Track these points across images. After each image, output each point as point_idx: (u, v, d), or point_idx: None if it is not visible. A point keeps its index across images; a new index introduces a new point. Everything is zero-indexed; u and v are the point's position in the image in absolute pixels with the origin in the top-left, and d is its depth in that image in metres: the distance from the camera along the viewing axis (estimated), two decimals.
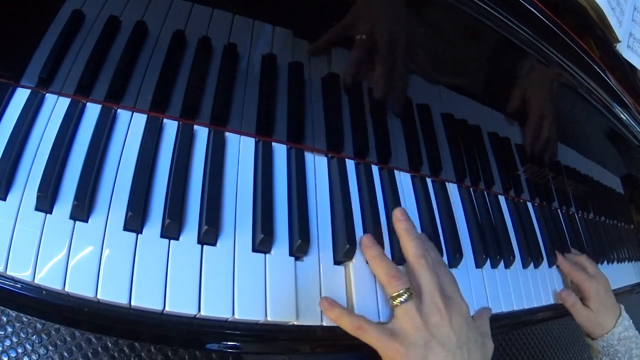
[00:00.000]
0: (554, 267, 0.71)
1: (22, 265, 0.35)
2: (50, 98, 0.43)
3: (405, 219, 0.51)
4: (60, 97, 0.43)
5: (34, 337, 0.81)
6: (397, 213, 0.51)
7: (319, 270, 0.46)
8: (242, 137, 0.49)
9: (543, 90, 0.64)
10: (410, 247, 0.49)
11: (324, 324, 0.44)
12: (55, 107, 0.43)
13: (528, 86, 0.62)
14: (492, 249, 0.61)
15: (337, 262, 0.48)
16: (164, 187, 0.43)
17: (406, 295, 0.45)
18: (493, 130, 0.67)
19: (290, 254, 0.45)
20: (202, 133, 0.48)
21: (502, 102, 0.64)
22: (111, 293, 0.36)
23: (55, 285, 0.35)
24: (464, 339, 0.45)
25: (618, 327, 0.67)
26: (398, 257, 0.50)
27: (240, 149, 0.49)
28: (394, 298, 0.45)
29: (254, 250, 0.44)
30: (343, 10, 0.49)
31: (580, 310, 0.69)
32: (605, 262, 0.90)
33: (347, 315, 0.44)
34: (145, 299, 0.37)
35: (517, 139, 0.70)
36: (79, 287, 0.36)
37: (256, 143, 0.50)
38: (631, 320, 0.70)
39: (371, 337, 0.43)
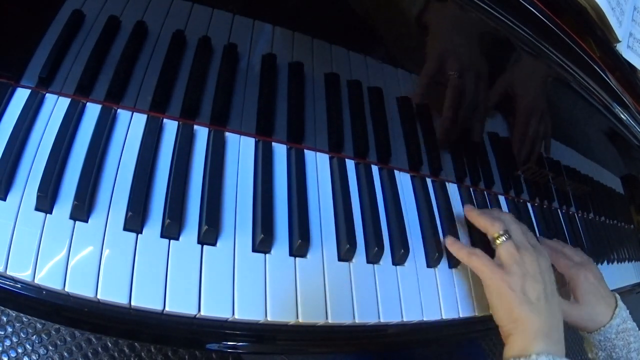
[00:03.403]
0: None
1: (22, 265, 0.35)
2: (50, 98, 0.43)
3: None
4: (60, 97, 0.43)
5: (34, 337, 0.81)
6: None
7: (322, 270, 0.46)
8: (242, 137, 0.49)
9: (542, 90, 0.64)
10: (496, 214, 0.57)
11: (324, 322, 0.44)
12: (55, 107, 0.43)
13: (527, 86, 0.62)
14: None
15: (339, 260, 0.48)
16: (164, 187, 0.43)
17: (506, 236, 0.53)
18: (493, 130, 0.67)
19: (291, 254, 0.45)
20: (202, 133, 0.48)
21: (501, 102, 0.64)
22: (111, 293, 0.36)
23: (55, 285, 0.35)
24: (549, 279, 0.53)
25: (616, 318, 0.61)
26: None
27: (240, 149, 0.49)
28: (497, 238, 0.53)
29: (254, 250, 0.44)
30: (342, 7, 0.49)
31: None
32: (605, 262, 0.90)
33: (461, 245, 0.55)
34: (145, 299, 0.37)
35: (517, 138, 0.70)
36: (79, 287, 0.36)
37: (256, 143, 0.50)
38: (628, 311, 0.63)
39: (481, 264, 0.52)
